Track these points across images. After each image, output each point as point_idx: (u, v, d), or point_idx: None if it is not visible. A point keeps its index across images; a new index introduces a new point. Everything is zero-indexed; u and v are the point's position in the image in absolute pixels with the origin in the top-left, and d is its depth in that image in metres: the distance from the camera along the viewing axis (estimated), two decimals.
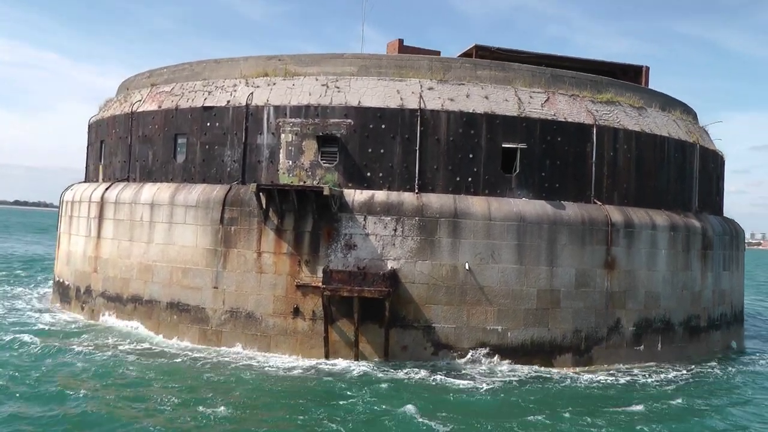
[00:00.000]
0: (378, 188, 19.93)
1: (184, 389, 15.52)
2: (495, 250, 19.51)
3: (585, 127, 21.14)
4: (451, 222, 19.39)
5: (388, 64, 21.35)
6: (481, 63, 21.81)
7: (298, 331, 19.41)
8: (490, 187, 20.23)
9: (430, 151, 20.08)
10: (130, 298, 21.85)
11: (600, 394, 17.28)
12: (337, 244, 19.40)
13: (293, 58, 21.99)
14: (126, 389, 15.33)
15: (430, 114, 20.12)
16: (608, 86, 22.88)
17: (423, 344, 19.20)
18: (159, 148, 22.76)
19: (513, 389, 17.06)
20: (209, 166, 21.51)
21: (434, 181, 20.06)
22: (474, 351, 19.23)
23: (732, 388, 19.06)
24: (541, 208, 20.07)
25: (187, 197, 21.00)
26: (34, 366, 16.83)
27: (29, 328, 21.25)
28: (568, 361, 19.90)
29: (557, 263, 19.94)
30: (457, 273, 19.33)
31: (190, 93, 22.59)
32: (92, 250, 23.52)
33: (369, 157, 20.06)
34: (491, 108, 20.46)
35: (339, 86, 20.76)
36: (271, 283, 19.66)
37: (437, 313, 19.20)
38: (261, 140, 20.81)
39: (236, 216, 20.17)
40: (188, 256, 20.71)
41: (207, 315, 20.24)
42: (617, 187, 21.60)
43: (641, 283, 21.08)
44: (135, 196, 22.24)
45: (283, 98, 20.84)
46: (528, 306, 19.63)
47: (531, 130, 20.54)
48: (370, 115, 20.13)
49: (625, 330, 20.72)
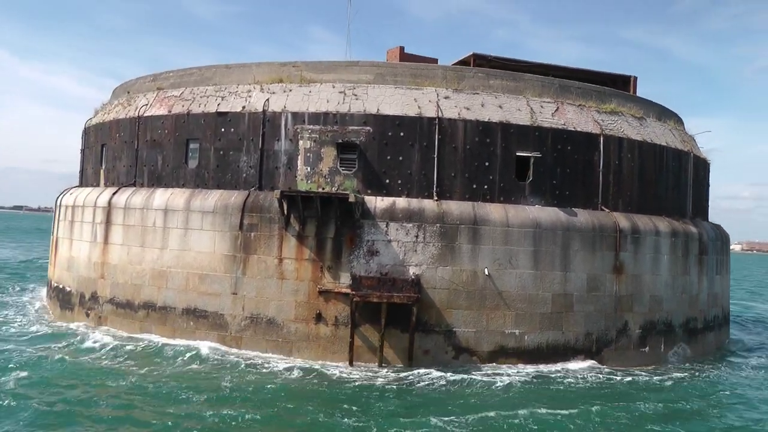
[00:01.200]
0: (397, 195, 20.25)
1: (204, 393, 15.59)
2: (513, 255, 20.05)
3: (592, 136, 21.88)
4: (471, 228, 19.85)
5: (404, 73, 21.70)
6: (493, 73, 22.34)
7: (320, 336, 19.56)
8: (505, 194, 20.77)
9: (448, 158, 20.50)
10: (142, 304, 21.62)
11: (614, 394, 17.90)
12: (360, 250, 19.64)
13: (308, 65, 22.13)
14: (148, 396, 15.33)
15: (448, 122, 20.55)
16: (611, 97, 23.71)
17: (444, 348, 19.59)
18: (169, 153, 22.59)
19: (532, 391, 17.54)
20: (224, 172, 21.47)
21: (452, 189, 20.49)
22: (493, 354, 19.73)
23: (730, 387, 19.95)
24: (555, 214, 20.71)
25: (203, 203, 20.92)
26: (71, 375, 16.60)
27: (42, 337, 20.85)
28: (581, 362, 20.52)
29: (570, 268, 20.60)
30: (477, 278, 19.80)
31: (202, 98, 22.50)
32: (99, 255, 23.15)
33: (388, 164, 20.36)
34: (505, 117, 21.01)
35: (356, 94, 21.01)
36: (293, 289, 19.77)
37: (458, 318, 19.62)
38: (278, 146, 20.90)
39: (256, 222, 20.20)
40: (205, 262, 20.63)
41: (226, 321, 20.21)
42: (622, 194, 22.41)
43: (646, 287, 21.93)
44: (146, 201, 22.02)
45: (300, 105, 20.97)
46: (543, 310, 20.22)
47: (543, 139, 21.16)
48: (388, 122, 20.44)
49: (632, 332, 21.52)
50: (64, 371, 17.03)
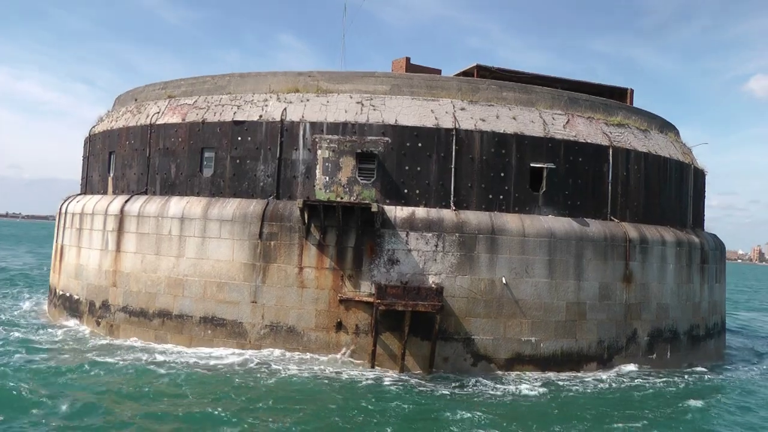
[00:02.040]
0: (415, 205, 20.55)
1: (228, 399, 15.69)
2: (529, 265, 20.45)
3: (602, 148, 22.44)
4: (489, 238, 20.22)
5: (419, 84, 22.04)
6: (506, 85, 22.79)
7: (341, 344, 19.73)
8: (519, 204, 21.19)
9: (465, 169, 20.87)
10: (157, 312, 21.55)
11: (627, 400, 18.35)
12: (380, 259, 19.87)
13: (324, 75, 22.35)
14: (173, 404, 15.38)
15: (465, 134, 20.92)
16: (617, 109, 24.34)
17: (463, 356, 19.90)
18: (183, 161, 22.59)
19: (551, 398, 17.93)
20: (240, 181, 21.55)
21: (468, 199, 20.85)
22: (510, 362, 20.09)
23: (735, 391, 20.58)
24: (568, 225, 21.18)
25: (221, 211, 20.97)
26: (93, 385, 16.53)
27: (59, 346, 20.68)
28: (593, 369, 21.02)
29: (583, 277, 21.08)
30: (495, 287, 20.16)
31: (217, 106, 22.56)
32: (110, 263, 23.02)
33: (406, 175, 20.66)
34: (520, 129, 21.45)
35: (374, 104, 21.28)
36: (314, 297, 19.92)
37: (476, 326, 19.95)
38: (296, 156, 21.06)
39: (276, 231, 20.32)
40: (224, 270, 20.67)
41: (245, 329, 20.26)
42: (629, 204, 23.00)
43: (654, 296, 22.51)
44: (161, 209, 21.98)
45: (318, 115, 21.17)
46: (558, 318, 20.65)
47: (555, 151, 21.65)
48: (407, 133, 20.74)
49: (641, 339, 22.07)
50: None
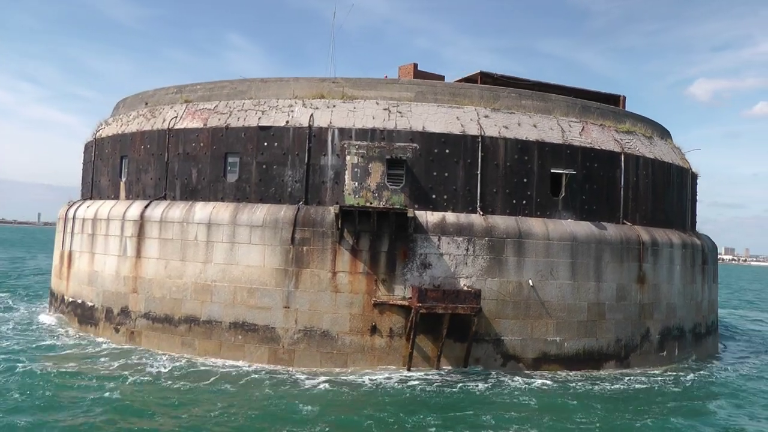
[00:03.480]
0: (443, 210, 21.02)
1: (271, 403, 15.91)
2: (553, 267, 21.16)
3: (615, 154, 23.35)
4: (516, 242, 20.84)
5: (443, 91, 22.52)
6: (524, 93, 23.48)
7: (375, 347, 20.04)
8: (541, 209, 21.89)
9: (490, 175, 21.45)
10: (183, 318, 21.43)
11: (648, 394, 19.28)
12: (413, 263, 20.27)
13: (348, 81, 22.61)
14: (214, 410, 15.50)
15: (490, 141, 21.50)
16: (625, 117, 25.32)
17: (493, 356, 20.47)
18: (205, 166, 22.52)
19: (577, 395, 18.67)
20: (267, 186, 21.63)
21: (494, 204, 21.44)
22: (537, 361, 20.75)
23: (738, 384, 21.78)
24: (588, 228, 21.98)
25: (251, 217, 21.01)
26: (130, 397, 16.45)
27: (77, 353, 20.38)
28: (612, 367, 21.87)
29: (602, 279, 21.91)
30: (522, 289, 20.79)
31: (240, 111, 22.58)
32: (130, 270, 22.75)
33: (434, 180, 21.11)
34: (540, 136, 22.16)
35: (401, 111, 21.66)
36: (348, 301, 20.16)
37: (505, 327, 20.55)
38: (325, 161, 21.27)
39: (308, 236, 20.49)
40: (255, 275, 20.72)
41: (278, 334, 20.36)
42: (639, 208, 23.97)
43: (664, 296, 23.53)
44: (186, 215, 21.87)
45: (346, 120, 21.43)
46: (580, 318, 21.43)
47: (573, 157, 22.44)
48: (434, 140, 21.20)
49: (653, 338, 23.05)
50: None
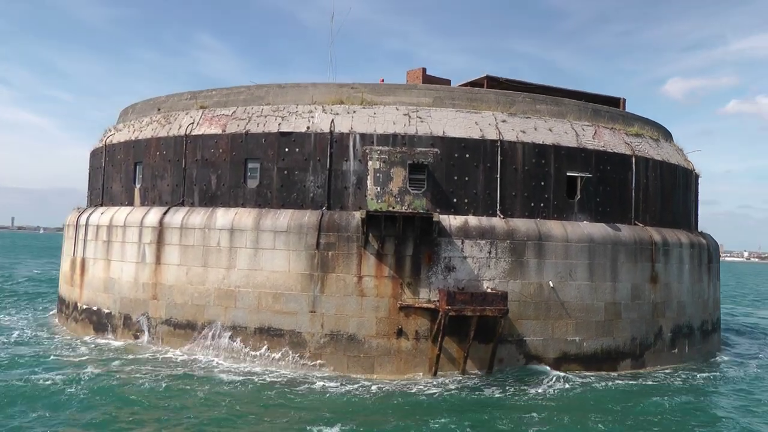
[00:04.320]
0: (464, 213, 21.36)
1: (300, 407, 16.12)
2: (572, 268, 21.62)
3: (626, 157, 23.89)
4: (537, 244, 21.26)
5: (461, 97, 22.86)
6: (538, 98, 23.91)
7: (401, 350, 20.30)
8: (558, 211, 22.34)
9: (509, 179, 21.84)
10: (206, 324, 21.50)
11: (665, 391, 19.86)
12: (437, 266, 20.58)
13: (367, 87, 22.85)
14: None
15: (508, 145, 21.89)
16: (633, 121, 25.90)
17: (516, 356, 20.86)
18: (225, 172, 22.59)
19: (599, 393, 19.20)
20: (289, 191, 21.77)
21: (513, 207, 21.83)
22: (558, 360, 21.19)
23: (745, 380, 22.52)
24: (604, 230, 22.48)
25: (275, 222, 21.14)
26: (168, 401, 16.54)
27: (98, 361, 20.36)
28: (628, 365, 22.40)
29: (618, 279, 22.43)
30: (543, 290, 21.21)
31: (259, 117, 22.69)
32: (149, 276, 22.74)
33: (455, 184, 21.44)
34: (556, 140, 22.61)
35: (421, 116, 21.96)
36: (374, 305, 20.40)
37: (527, 328, 20.96)
38: (347, 167, 21.48)
39: (333, 241, 20.68)
40: (280, 281, 20.86)
41: (304, 339, 20.53)
42: (649, 209, 24.55)
43: (674, 295, 24.14)
44: (208, 221, 21.93)
45: (367, 126, 21.66)
46: (598, 318, 21.92)
47: (588, 160, 22.93)
48: (455, 144, 21.53)
49: (665, 336, 23.64)
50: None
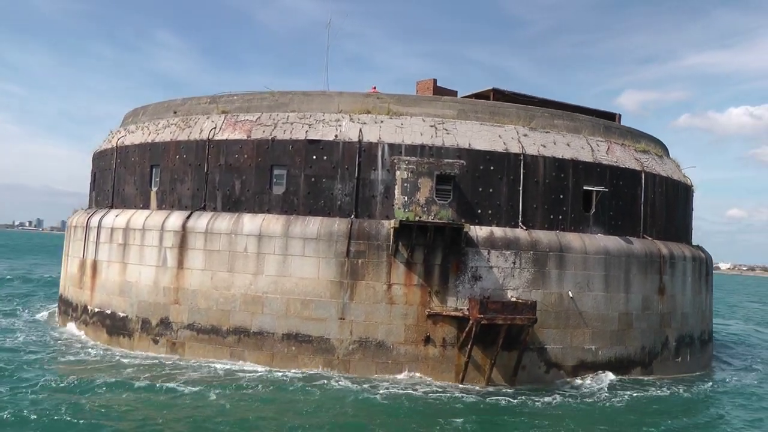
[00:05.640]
0: (487, 224, 21.93)
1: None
2: (590, 279, 22.40)
3: (636, 172, 24.85)
4: (558, 255, 21.97)
5: (483, 110, 23.47)
6: (554, 113, 24.68)
7: (429, 357, 20.74)
8: (575, 224, 23.11)
9: (530, 191, 22.51)
10: (232, 329, 21.54)
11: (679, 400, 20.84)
12: (465, 275, 21.09)
13: (392, 98, 23.26)
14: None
15: (530, 159, 22.58)
16: (640, 138, 26.91)
17: (537, 364, 21.50)
18: (250, 178, 22.69)
19: (621, 400, 20.03)
20: (316, 199, 22.00)
21: (534, 219, 22.51)
22: (576, 368, 21.93)
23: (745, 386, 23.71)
24: (617, 243, 23.35)
25: (304, 230, 21.34)
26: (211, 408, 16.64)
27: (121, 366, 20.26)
28: (638, 373, 23.29)
29: (630, 290, 23.31)
30: (563, 300, 21.93)
31: (285, 124, 22.87)
32: (171, 280, 22.66)
33: (480, 195, 22.00)
34: (574, 154, 23.40)
35: (447, 128, 22.47)
36: (402, 313, 20.79)
37: (548, 336, 21.63)
38: (375, 176, 21.84)
39: (363, 249, 21.00)
40: (309, 287, 21.06)
41: (332, 345, 20.78)
42: (655, 224, 25.56)
43: (679, 306, 25.18)
44: (234, 226, 21.99)
45: (395, 136, 22.07)
46: (612, 328, 22.74)
47: (602, 175, 23.78)
48: (480, 157, 22.10)
49: (671, 345, 24.64)
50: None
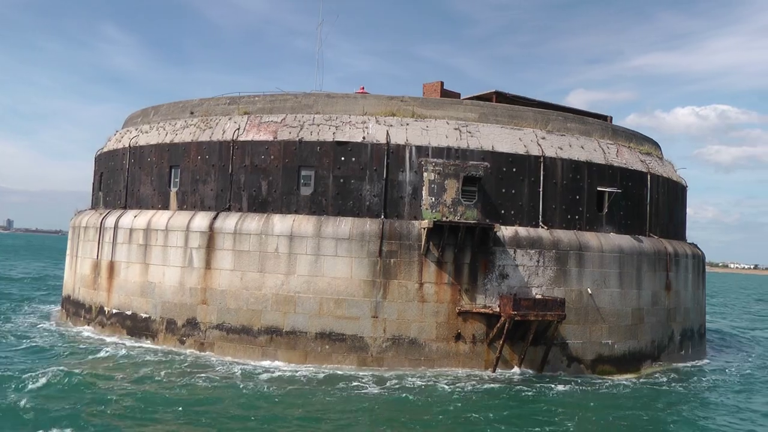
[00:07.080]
0: (510, 224, 22.71)
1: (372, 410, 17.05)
2: (606, 277, 23.41)
3: (643, 174, 26.01)
4: (577, 254, 22.90)
5: (503, 114, 24.23)
6: (568, 116, 25.62)
7: (459, 353, 21.40)
8: (589, 223, 24.10)
9: (549, 192, 23.39)
10: (263, 329, 21.79)
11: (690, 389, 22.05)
12: (493, 274, 21.82)
13: (416, 101, 23.82)
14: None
15: (549, 161, 23.45)
16: (643, 140, 28.12)
17: (560, 358, 22.40)
18: (277, 178, 22.94)
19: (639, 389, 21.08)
20: (345, 200, 22.41)
21: (553, 219, 23.39)
22: (594, 362, 22.91)
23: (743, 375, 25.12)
24: (630, 241, 24.43)
25: (336, 230, 21.73)
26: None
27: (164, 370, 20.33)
28: (648, 366, 24.45)
29: (642, 287, 24.43)
30: (582, 297, 22.87)
31: (311, 126, 23.18)
32: (198, 281, 22.75)
33: (503, 196, 22.77)
34: (588, 157, 24.38)
35: (470, 131, 23.16)
36: (434, 310, 21.40)
37: (569, 331, 22.53)
38: (403, 177, 22.37)
39: (395, 249, 21.51)
40: (342, 287, 21.47)
41: (366, 343, 21.24)
42: (659, 223, 26.80)
43: (682, 301, 26.48)
44: (264, 227, 22.22)
45: (422, 139, 22.64)
46: (626, 323, 23.82)
47: (614, 176, 24.84)
48: (503, 159, 22.86)
49: (676, 339, 25.90)
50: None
